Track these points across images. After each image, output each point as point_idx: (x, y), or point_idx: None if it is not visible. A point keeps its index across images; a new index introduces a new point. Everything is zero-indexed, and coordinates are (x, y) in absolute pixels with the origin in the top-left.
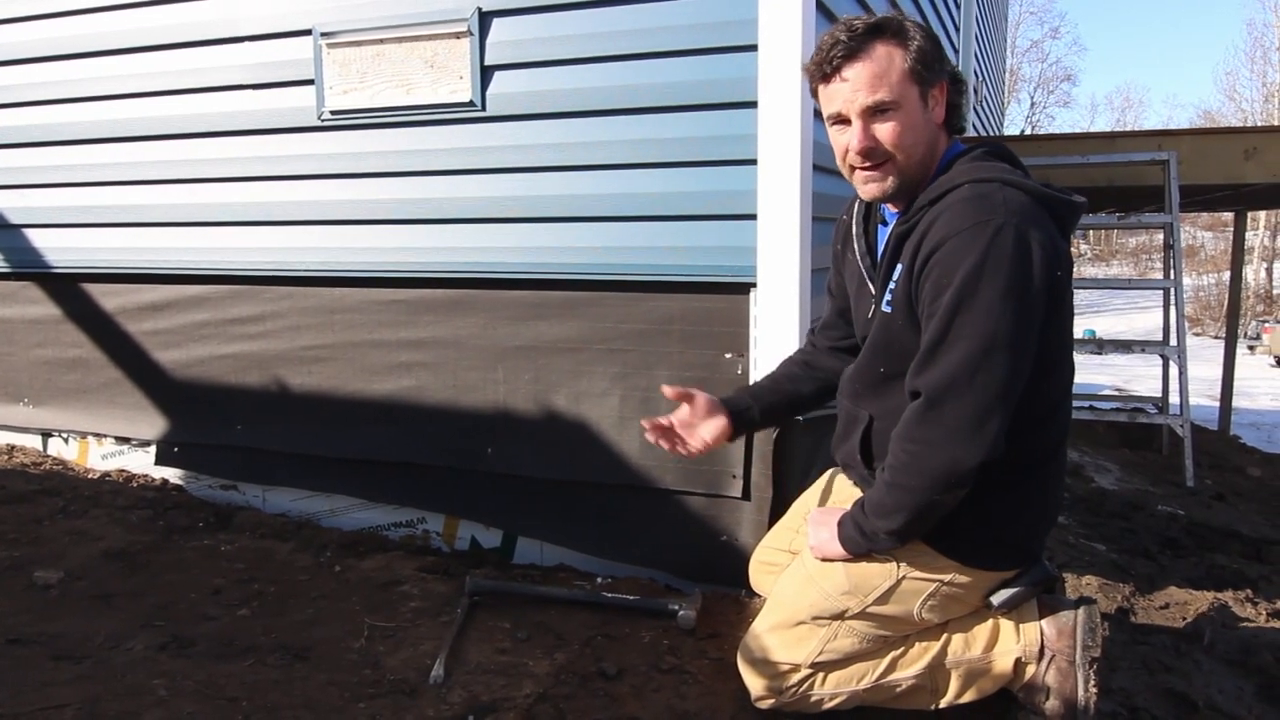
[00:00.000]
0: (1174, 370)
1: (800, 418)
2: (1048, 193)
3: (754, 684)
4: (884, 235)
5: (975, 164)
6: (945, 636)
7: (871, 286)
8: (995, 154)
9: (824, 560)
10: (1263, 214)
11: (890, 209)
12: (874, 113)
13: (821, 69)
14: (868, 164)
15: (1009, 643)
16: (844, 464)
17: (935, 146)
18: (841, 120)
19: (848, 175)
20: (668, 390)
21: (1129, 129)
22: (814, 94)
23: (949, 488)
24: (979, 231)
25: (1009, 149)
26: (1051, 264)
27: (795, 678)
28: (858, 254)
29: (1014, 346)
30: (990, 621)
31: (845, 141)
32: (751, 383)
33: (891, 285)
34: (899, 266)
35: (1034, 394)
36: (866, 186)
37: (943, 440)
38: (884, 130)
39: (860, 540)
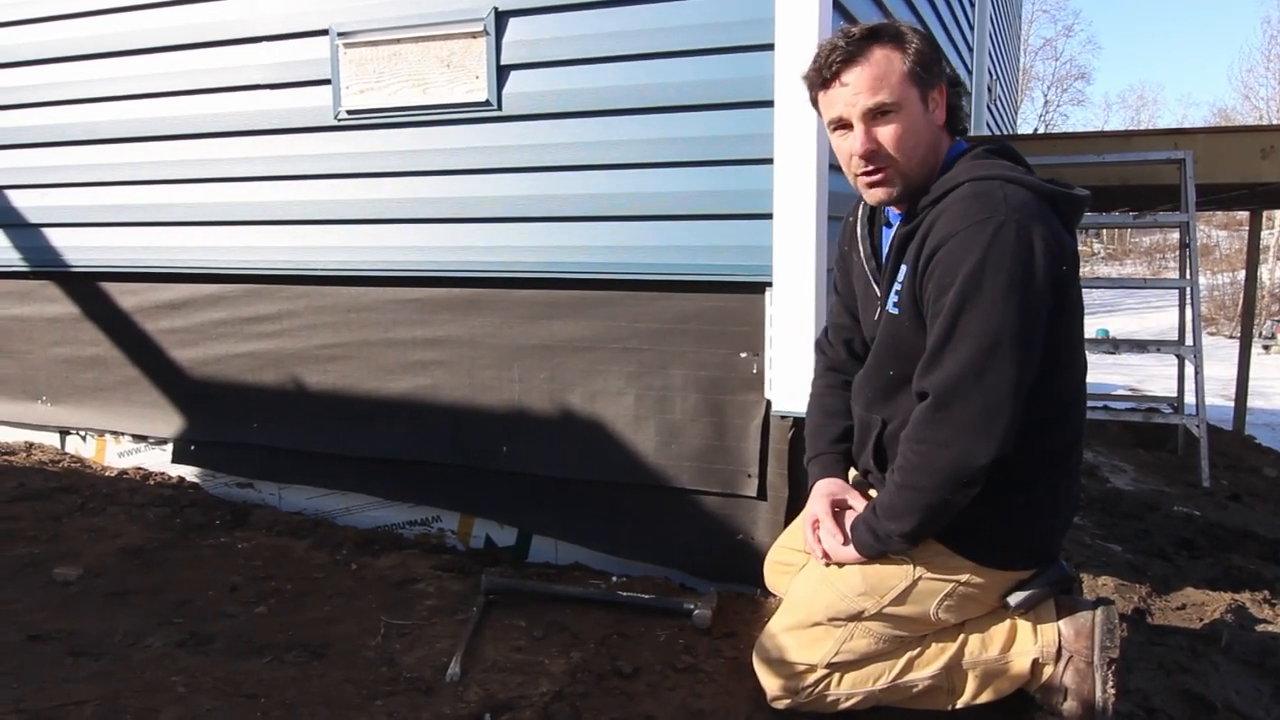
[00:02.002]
0: (1189, 370)
1: None
2: (1050, 188)
3: (770, 684)
4: (888, 237)
5: (977, 162)
6: (962, 637)
7: (877, 289)
8: (997, 152)
9: (839, 564)
10: (1279, 213)
11: (894, 210)
12: (875, 115)
13: (821, 75)
14: (871, 168)
15: (1026, 643)
16: (863, 470)
17: (937, 148)
18: (843, 125)
19: (852, 181)
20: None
21: (1144, 128)
22: (814, 103)
23: (960, 487)
24: (980, 229)
25: (1012, 147)
26: (1056, 259)
27: (811, 678)
28: (863, 256)
29: (1019, 343)
30: (1007, 622)
31: (848, 147)
32: (819, 432)
33: (897, 287)
34: (904, 268)
35: (1046, 393)
36: (871, 191)
37: (952, 440)
38: (885, 133)
39: (873, 543)
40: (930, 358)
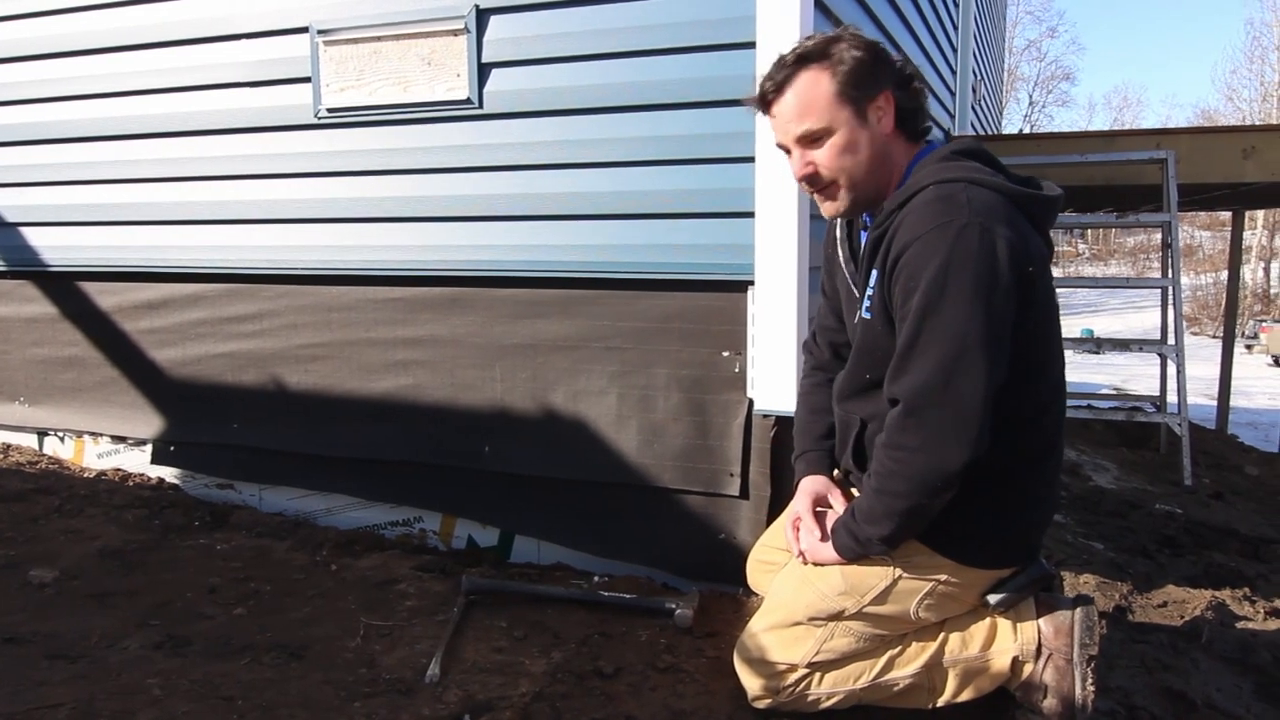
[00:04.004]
0: (1172, 369)
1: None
2: (1017, 190)
3: (751, 684)
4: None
5: (943, 164)
6: (942, 635)
7: (856, 292)
8: (966, 153)
9: (819, 564)
10: (1260, 213)
11: (870, 215)
12: (808, 140)
13: (762, 103)
14: (815, 188)
15: (1006, 641)
16: (844, 470)
17: (889, 155)
18: (784, 149)
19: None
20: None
21: (1127, 128)
22: None
23: (935, 492)
24: (942, 233)
25: (982, 147)
26: (1020, 260)
27: (792, 677)
28: (843, 260)
29: (985, 346)
30: (988, 620)
31: (791, 169)
32: (805, 429)
33: (869, 291)
34: (874, 272)
35: (1023, 393)
36: (823, 206)
37: (924, 446)
38: (820, 155)
39: (854, 546)
40: (898, 363)
